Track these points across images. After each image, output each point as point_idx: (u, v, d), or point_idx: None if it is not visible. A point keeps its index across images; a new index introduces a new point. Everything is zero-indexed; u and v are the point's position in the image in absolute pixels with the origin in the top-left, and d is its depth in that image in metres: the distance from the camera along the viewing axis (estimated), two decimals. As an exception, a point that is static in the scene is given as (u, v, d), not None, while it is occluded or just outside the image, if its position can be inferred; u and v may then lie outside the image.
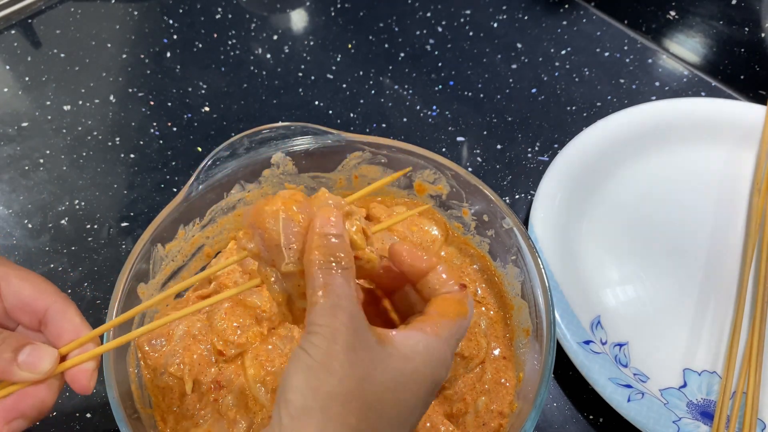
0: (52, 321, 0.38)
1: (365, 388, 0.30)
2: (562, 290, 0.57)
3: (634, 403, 0.50)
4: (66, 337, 0.37)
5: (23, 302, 0.38)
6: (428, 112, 0.76)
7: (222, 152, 0.53)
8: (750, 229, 0.63)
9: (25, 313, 0.38)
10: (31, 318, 0.38)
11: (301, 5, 0.90)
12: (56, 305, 0.38)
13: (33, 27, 0.86)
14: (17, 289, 0.38)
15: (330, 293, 0.32)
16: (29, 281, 0.38)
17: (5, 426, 0.35)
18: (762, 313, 0.56)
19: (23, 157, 0.71)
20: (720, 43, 0.84)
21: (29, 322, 0.39)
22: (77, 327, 0.38)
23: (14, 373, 0.35)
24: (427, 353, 0.33)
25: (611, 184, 0.67)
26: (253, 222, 0.35)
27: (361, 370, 0.31)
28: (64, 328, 0.37)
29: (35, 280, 0.39)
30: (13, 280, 0.38)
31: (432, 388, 0.34)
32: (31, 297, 0.38)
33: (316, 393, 0.29)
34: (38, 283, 0.39)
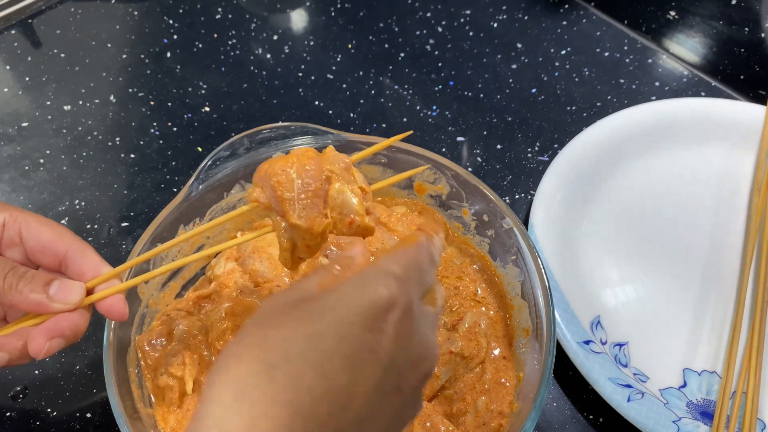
0: (73, 261, 0.40)
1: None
2: (562, 290, 0.57)
3: (634, 402, 0.50)
4: (88, 275, 0.40)
5: (43, 245, 0.40)
6: (428, 112, 0.76)
7: (222, 152, 0.54)
8: (750, 228, 0.63)
9: (45, 255, 0.41)
10: (51, 260, 0.41)
11: (301, 5, 0.90)
12: (75, 246, 0.41)
13: (33, 27, 0.86)
14: (37, 232, 0.40)
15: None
16: (48, 225, 0.41)
17: (47, 341, 0.38)
18: (762, 313, 0.56)
19: (23, 157, 0.71)
20: (720, 43, 0.84)
21: (50, 263, 0.41)
22: (97, 264, 0.41)
23: (47, 305, 0.38)
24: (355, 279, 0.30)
25: (611, 184, 0.67)
26: (265, 175, 0.38)
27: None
28: (85, 266, 0.40)
29: (53, 225, 0.41)
30: (33, 224, 0.41)
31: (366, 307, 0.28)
32: (51, 240, 0.40)
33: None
34: (56, 227, 0.41)
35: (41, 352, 0.38)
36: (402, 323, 0.29)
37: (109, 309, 0.40)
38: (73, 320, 0.39)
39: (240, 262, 0.55)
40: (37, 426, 0.52)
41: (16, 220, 0.40)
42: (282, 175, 0.37)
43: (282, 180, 0.37)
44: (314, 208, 0.37)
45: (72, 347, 0.56)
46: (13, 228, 0.40)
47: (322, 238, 0.39)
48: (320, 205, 0.38)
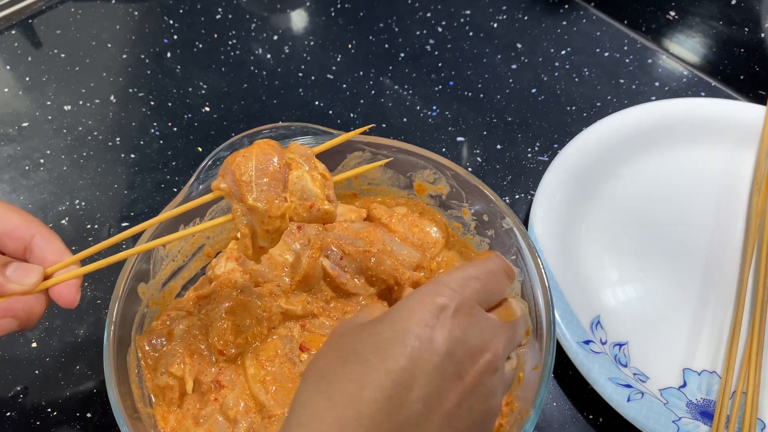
0: (38, 247, 0.41)
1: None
2: (562, 290, 0.57)
3: (634, 402, 0.50)
4: (50, 260, 0.41)
5: (10, 229, 0.41)
6: (428, 112, 0.76)
7: (222, 152, 0.54)
8: (750, 228, 0.63)
9: (11, 240, 0.41)
10: (17, 245, 0.41)
11: (301, 5, 0.90)
12: (42, 233, 0.41)
13: (33, 27, 0.86)
14: (5, 217, 0.41)
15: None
16: (16, 211, 0.42)
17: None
18: (762, 313, 0.56)
19: (23, 157, 0.71)
20: (720, 43, 0.84)
21: (15, 249, 0.41)
22: (61, 252, 0.41)
23: (2, 286, 0.39)
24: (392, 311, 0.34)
25: (611, 184, 0.67)
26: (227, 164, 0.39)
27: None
28: (49, 251, 0.41)
29: (21, 212, 0.42)
30: (1, 209, 0.41)
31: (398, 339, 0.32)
32: (18, 225, 0.41)
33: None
34: (24, 214, 0.42)
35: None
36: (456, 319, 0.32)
37: (60, 294, 0.40)
38: (28, 303, 0.39)
39: (240, 262, 0.55)
40: (37, 426, 0.52)
41: None
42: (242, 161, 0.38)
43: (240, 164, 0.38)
44: (272, 191, 0.38)
45: (72, 347, 0.56)
46: None
47: (282, 222, 0.39)
48: (279, 188, 0.39)
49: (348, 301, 0.53)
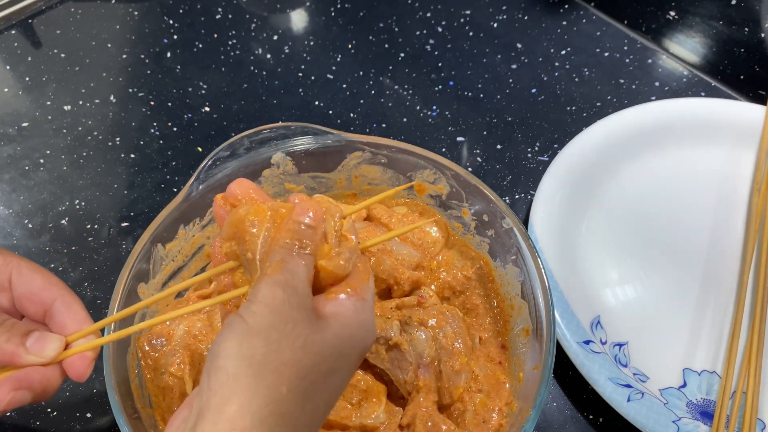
0: (58, 312, 0.39)
1: (301, 358, 0.30)
2: (562, 290, 0.57)
3: (634, 402, 0.50)
4: (70, 329, 0.39)
5: (32, 292, 0.39)
6: (428, 112, 0.76)
7: (222, 152, 0.54)
8: (750, 229, 0.63)
9: (32, 303, 0.39)
10: (37, 308, 0.40)
11: (301, 5, 0.90)
12: (63, 298, 0.39)
13: (33, 27, 0.86)
14: (28, 279, 0.39)
15: (284, 270, 0.32)
16: (40, 273, 0.40)
17: (11, 392, 0.36)
18: (762, 313, 0.56)
19: (23, 157, 0.71)
20: (720, 43, 0.84)
21: (35, 312, 0.40)
22: (82, 320, 0.39)
23: (21, 357, 0.37)
24: (358, 317, 0.34)
25: (611, 184, 0.67)
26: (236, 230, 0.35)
27: (299, 341, 0.31)
28: (69, 319, 0.39)
29: (45, 273, 0.40)
30: (24, 270, 0.40)
31: (363, 351, 0.35)
32: (41, 288, 0.39)
33: (250, 361, 0.29)
34: (48, 275, 0.40)
35: (1, 404, 0.36)
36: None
37: (71, 365, 0.38)
38: (45, 374, 0.37)
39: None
40: (37, 426, 0.52)
41: (8, 265, 0.39)
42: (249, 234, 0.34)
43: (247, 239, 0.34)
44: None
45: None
46: (4, 273, 0.39)
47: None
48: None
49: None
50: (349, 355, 0.33)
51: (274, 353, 0.30)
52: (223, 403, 0.28)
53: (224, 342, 0.30)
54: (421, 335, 0.48)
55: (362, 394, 0.48)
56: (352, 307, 0.34)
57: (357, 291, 0.34)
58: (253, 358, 0.29)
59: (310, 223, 0.35)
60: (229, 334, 0.30)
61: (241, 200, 0.37)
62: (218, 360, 0.30)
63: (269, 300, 0.31)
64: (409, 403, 0.47)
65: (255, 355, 0.29)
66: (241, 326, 0.30)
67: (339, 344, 0.32)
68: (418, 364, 0.47)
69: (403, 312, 0.50)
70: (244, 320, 0.30)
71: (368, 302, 0.35)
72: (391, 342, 0.47)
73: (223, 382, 0.29)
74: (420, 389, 0.47)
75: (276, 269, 0.32)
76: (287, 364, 0.30)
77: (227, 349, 0.30)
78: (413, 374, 0.47)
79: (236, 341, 0.30)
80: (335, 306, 0.33)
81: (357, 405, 0.48)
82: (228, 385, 0.29)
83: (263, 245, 0.34)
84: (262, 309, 0.31)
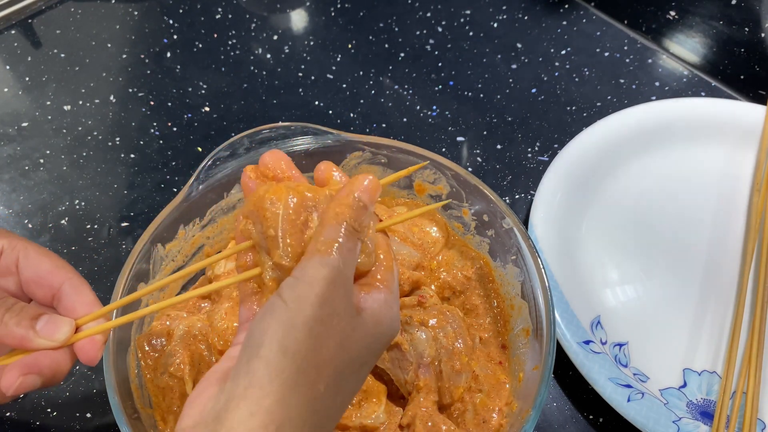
0: (67, 296, 0.38)
1: (340, 354, 0.30)
2: (562, 290, 0.57)
3: (634, 403, 0.50)
4: (79, 312, 0.38)
5: (40, 276, 0.39)
6: (428, 112, 0.76)
7: (222, 152, 0.54)
8: (750, 229, 0.63)
9: (40, 287, 0.39)
10: (45, 292, 0.39)
11: (301, 5, 0.90)
12: (71, 281, 0.39)
13: (33, 27, 0.86)
14: (36, 262, 0.39)
15: (340, 253, 0.31)
16: (47, 256, 0.39)
17: (21, 377, 0.35)
18: (762, 313, 0.56)
19: (23, 157, 0.71)
20: (720, 43, 0.84)
21: (43, 296, 0.39)
22: (91, 303, 0.39)
23: (32, 341, 0.36)
24: (389, 311, 0.33)
25: (611, 184, 0.67)
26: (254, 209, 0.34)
27: (338, 338, 0.30)
28: (78, 302, 0.38)
29: (53, 256, 0.40)
30: (32, 254, 0.39)
31: (388, 343, 0.34)
32: (49, 271, 0.39)
33: (293, 356, 0.29)
34: (55, 259, 0.40)
35: (11, 388, 0.35)
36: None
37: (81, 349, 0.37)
38: (54, 359, 0.36)
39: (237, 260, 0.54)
40: (37, 426, 0.52)
41: (14, 249, 0.39)
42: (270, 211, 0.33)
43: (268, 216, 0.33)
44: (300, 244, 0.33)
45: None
46: (11, 256, 0.39)
47: None
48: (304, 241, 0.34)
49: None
50: (378, 349, 0.33)
51: (316, 351, 0.29)
52: (263, 395, 0.28)
53: (267, 329, 0.29)
54: (422, 335, 0.48)
55: (362, 394, 0.48)
56: (384, 302, 0.33)
57: (386, 283, 0.34)
58: (297, 354, 0.29)
59: (367, 200, 0.33)
60: (271, 321, 0.29)
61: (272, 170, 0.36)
62: (260, 349, 0.29)
63: (318, 284, 0.30)
64: (409, 403, 0.47)
65: (299, 350, 0.29)
66: (285, 314, 0.29)
67: (372, 341, 0.32)
68: (418, 363, 0.47)
69: (403, 312, 0.50)
70: (287, 306, 0.29)
71: (396, 294, 0.34)
72: (392, 341, 0.47)
73: (264, 374, 0.28)
74: (420, 389, 0.47)
75: (329, 248, 0.30)
76: (326, 361, 0.30)
77: (270, 338, 0.29)
78: (413, 374, 0.47)
79: (280, 331, 0.29)
80: (370, 301, 0.33)
81: (357, 405, 0.48)
82: (268, 377, 0.28)
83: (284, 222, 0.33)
84: (309, 293, 0.29)
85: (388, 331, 0.33)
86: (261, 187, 0.35)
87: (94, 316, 0.38)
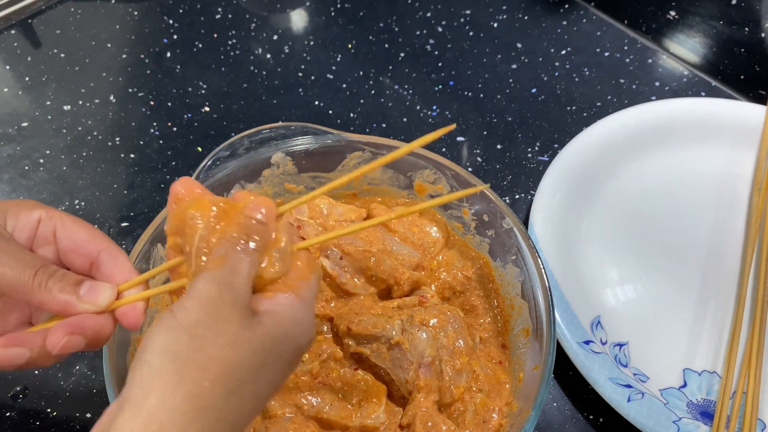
0: (105, 264, 0.39)
1: (228, 354, 0.30)
2: (562, 290, 0.57)
3: (634, 403, 0.50)
4: (117, 279, 0.39)
5: (78, 245, 0.39)
6: (428, 112, 0.76)
7: (222, 152, 0.54)
8: (750, 229, 0.63)
9: (78, 256, 0.40)
10: (83, 261, 0.40)
11: (301, 5, 0.90)
12: (109, 249, 0.40)
13: (33, 27, 0.86)
14: (73, 232, 0.39)
15: (224, 265, 0.32)
16: (84, 226, 0.40)
17: (66, 335, 0.36)
18: (762, 313, 0.56)
19: (23, 157, 0.71)
20: (720, 43, 0.84)
21: (81, 265, 0.40)
22: (128, 270, 0.39)
23: (76, 306, 0.37)
24: (295, 316, 0.34)
25: (611, 184, 0.67)
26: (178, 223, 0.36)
27: (227, 338, 0.30)
28: (116, 269, 0.39)
29: (89, 226, 0.40)
30: (69, 223, 0.40)
31: (299, 350, 0.34)
32: (86, 240, 0.39)
33: (174, 356, 0.29)
34: (92, 228, 0.40)
35: (57, 346, 0.36)
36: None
37: (124, 314, 0.38)
38: (98, 322, 0.37)
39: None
40: (37, 426, 0.52)
41: (51, 218, 0.40)
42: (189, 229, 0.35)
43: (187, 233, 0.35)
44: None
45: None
46: (48, 226, 0.39)
47: None
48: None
49: (348, 301, 0.53)
50: (283, 353, 0.33)
51: (199, 349, 0.30)
52: (144, 396, 0.29)
53: (152, 336, 0.30)
54: (423, 335, 0.48)
55: (362, 394, 0.48)
56: (288, 306, 0.34)
57: (295, 289, 0.34)
58: (177, 353, 0.29)
59: (261, 219, 0.35)
60: (157, 329, 0.30)
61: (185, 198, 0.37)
62: (144, 354, 0.30)
63: (202, 295, 0.31)
64: (410, 403, 0.47)
65: (180, 350, 0.29)
66: (170, 321, 0.30)
67: (271, 342, 0.32)
68: (419, 363, 0.47)
69: (404, 312, 0.50)
70: (173, 315, 0.31)
71: (306, 300, 0.35)
72: (393, 341, 0.47)
73: (146, 376, 0.29)
74: (421, 389, 0.47)
75: (216, 264, 0.32)
76: (212, 360, 0.30)
77: (154, 343, 0.30)
78: (414, 374, 0.47)
79: (163, 336, 0.30)
80: (270, 304, 0.33)
81: (357, 405, 0.48)
82: (150, 379, 0.29)
83: (201, 240, 0.34)
84: (193, 304, 0.31)
85: (292, 333, 0.33)
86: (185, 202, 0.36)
87: (134, 283, 0.39)
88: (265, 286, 0.35)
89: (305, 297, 0.35)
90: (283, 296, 0.34)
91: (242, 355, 0.31)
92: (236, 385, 0.31)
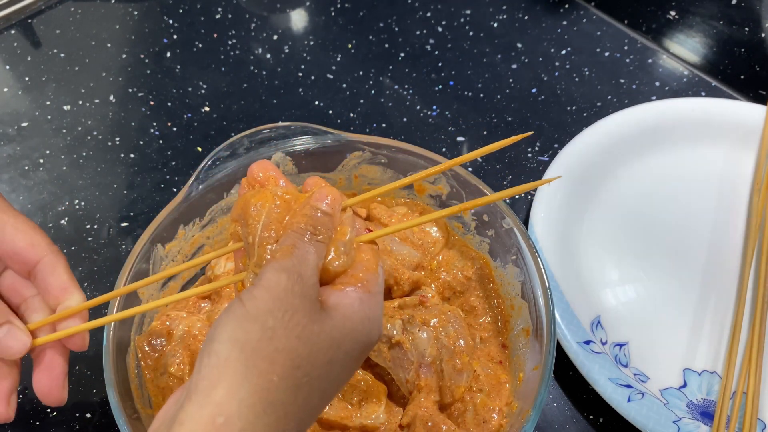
0: (41, 275, 0.39)
1: (296, 347, 0.30)
2: (562, 290, 0.57)
3: (634, 403, 0.50)
4: (53, 292, 0.39)
5: (15, 252, 0.39)
6: (428, 112, 0.76)
7: (222, 152, 0.53)
8: (750, 229, 0.63)
9: (15, 263, 0.40)
10: (21, 267, 0.40)
11: (301, 5, 0.90)
12: (47, 259, 0.39)
13: (33, 27, 0.86)
14: (11, 238, 0.39)
15: (292, 255, 0.32)
16: (24, 232, 0.39)
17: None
18: (762, 313, 0.56)
19: (23, 157, 0.71)
20: (720, 43, 0.84)
21: (19, 270, 0.40)
22: (65, 284, 0.39)
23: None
24: (363, 311, 0.33)
25: (611, 184, 0.67)
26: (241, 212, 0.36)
27: (297, 330, 0.30)
28: (52, 283, 0.39)
29: (30, 232, 0.40)
30: (8, 228, 0.39)
31: (367, 346, 0.34)
32: (24, 248, 0.39)
33: (243, 346, 0.29)
34: (33, 235, 0.40)
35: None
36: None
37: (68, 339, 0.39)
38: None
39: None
40: (37, 426, 0.52)
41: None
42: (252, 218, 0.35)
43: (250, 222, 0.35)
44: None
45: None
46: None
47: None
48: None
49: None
50: (351, 349, 0.32)
51: (268, 340, 0.29)
52: (211, 386, 0.28)
53: (221, 326, 0.30)
54: (423, 335, 0.48)
55: (362, 394, 0.48)
56: (357, 300, 0.33)
57: (364, 283, 0.34)
58: (246, 344, 0.29)
59: (326, 209, 0.34)
60: (226, 318, 0.30)
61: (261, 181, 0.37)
62: (213, 343, 0.29)
63: (272, 285, 0.30)
64: (410, 403, 0.47)
65: (249, 341, 0.29)
66: (239, 310, 0.30)
67: (339, 336, 0.32)
68: (419, 363, 0.47)
69: (405, 311, 0.50)
70: (242, 304, 0.30)
71: (375, 295, 0.34)
72: (393, 340, 0.47)
73: (214, 366, 0.28)
74: (421, 389, 0.47)
75: (285, 254, 0.32)
76: (281, 352, 0.29)
77: (222, 333, 0.29)
78: (415, 373, 0.47)
79: (232, 325, 0.29)
80: (340, 297, 0.33)
81: (357, 405, 0.48)
82: (218, 369, 0.28)
83: (263, 230, 0.34)
84: (263, 294, 0.30)
85: (360, 328, 0.33)
86: (248, 192, 0.36)
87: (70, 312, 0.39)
88: (330, 278, 0.34)
89: (374, 290, 0.34)
90: (352, 290, 0.33)
91: (310, 348, 0.30)
92: (304, 381, 0.30)
